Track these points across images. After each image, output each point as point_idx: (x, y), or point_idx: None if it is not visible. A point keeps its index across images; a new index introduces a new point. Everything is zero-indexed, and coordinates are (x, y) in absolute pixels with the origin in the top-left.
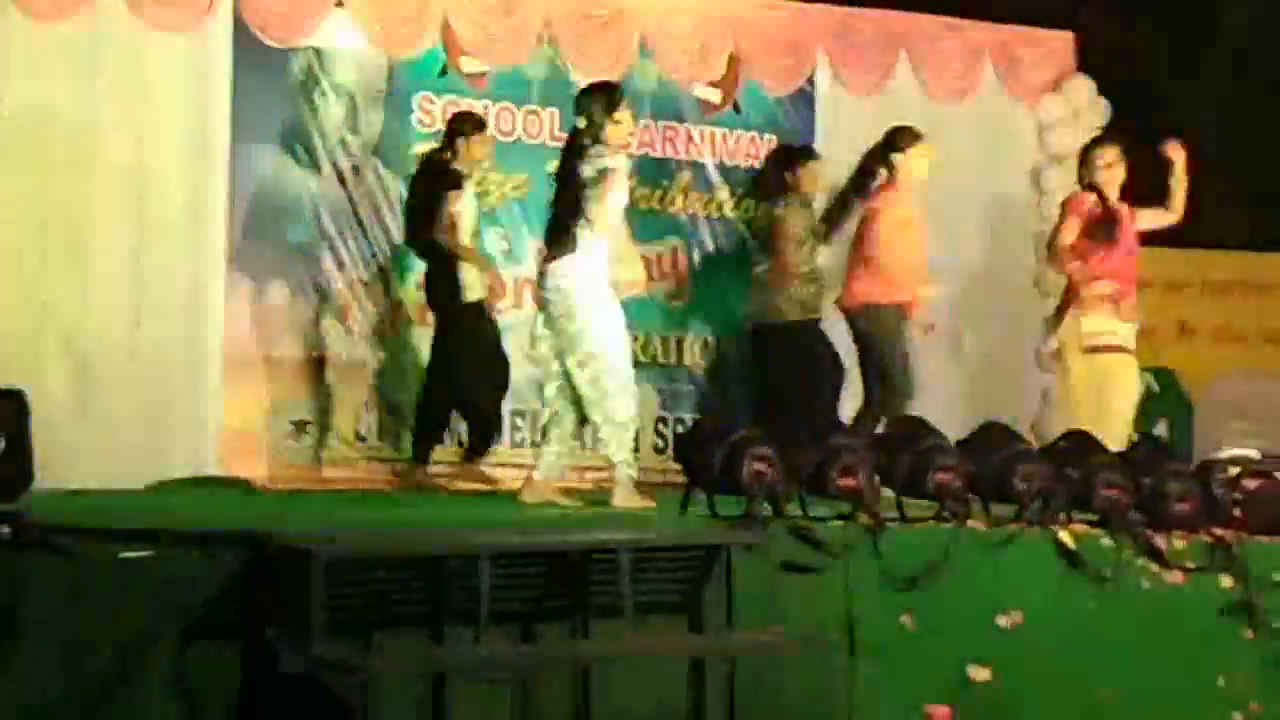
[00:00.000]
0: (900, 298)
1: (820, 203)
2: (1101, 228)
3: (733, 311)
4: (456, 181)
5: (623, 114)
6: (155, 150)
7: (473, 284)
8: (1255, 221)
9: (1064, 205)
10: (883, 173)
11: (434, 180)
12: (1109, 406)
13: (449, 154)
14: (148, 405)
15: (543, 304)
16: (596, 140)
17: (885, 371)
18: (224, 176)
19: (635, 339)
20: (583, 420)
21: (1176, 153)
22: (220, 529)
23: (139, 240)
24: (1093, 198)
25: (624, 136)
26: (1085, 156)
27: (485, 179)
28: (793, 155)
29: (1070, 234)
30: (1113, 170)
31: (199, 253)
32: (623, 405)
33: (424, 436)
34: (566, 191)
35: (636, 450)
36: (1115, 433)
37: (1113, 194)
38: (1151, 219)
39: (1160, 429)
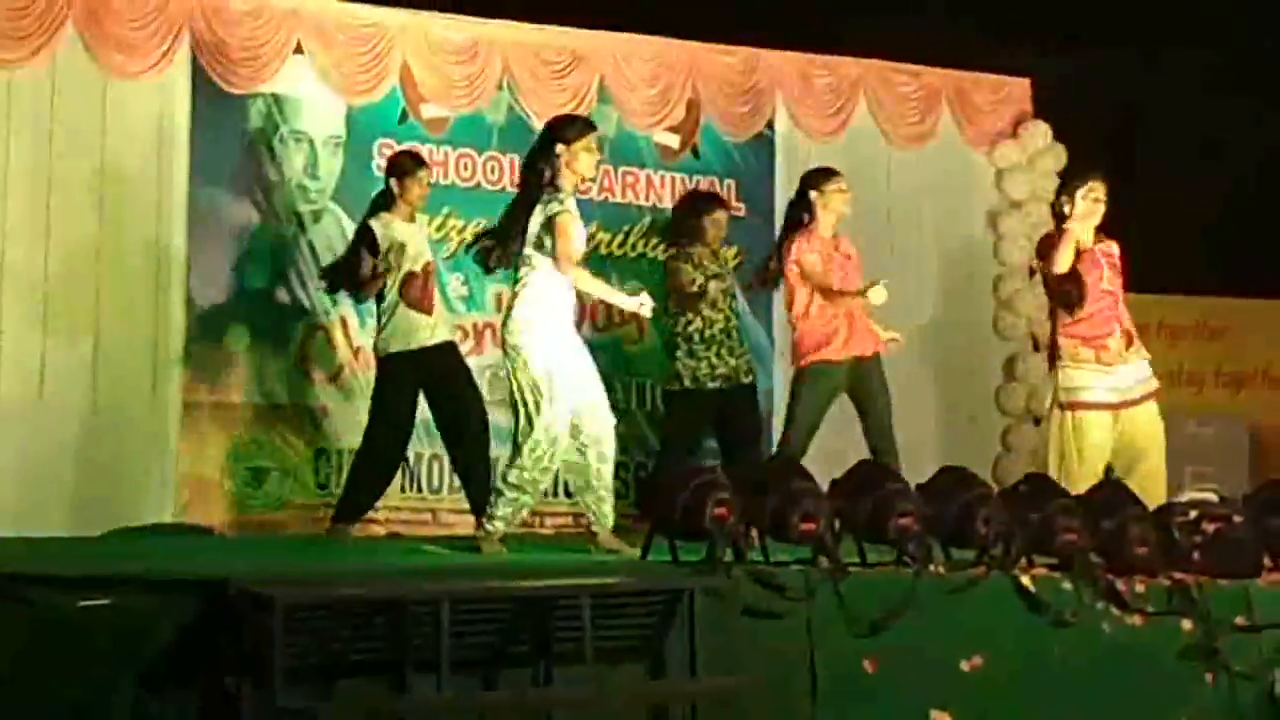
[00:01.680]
0: (812, 359)
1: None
2: (1073, 276)
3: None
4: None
5: (579, 148)
6: (114, 196)
7: (394, 334)
8: (1211, 266)
9: (1041, 248)
10: (805, 217)
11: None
12: (1083, 465)
13: (389, 197)
14: (106, 452)
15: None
16: (554, 177)
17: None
18: (183, 222)
19: None
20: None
21: None
22: (179, 576)
23: (98, 285)
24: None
25: (586, 171)
26: (1069, 187)
27: (445, 224)
28: (699, 201)
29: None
30: (1099, 205)
31: (158, 298)
32: (606, 450)
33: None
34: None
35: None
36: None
37: (1087, 232)
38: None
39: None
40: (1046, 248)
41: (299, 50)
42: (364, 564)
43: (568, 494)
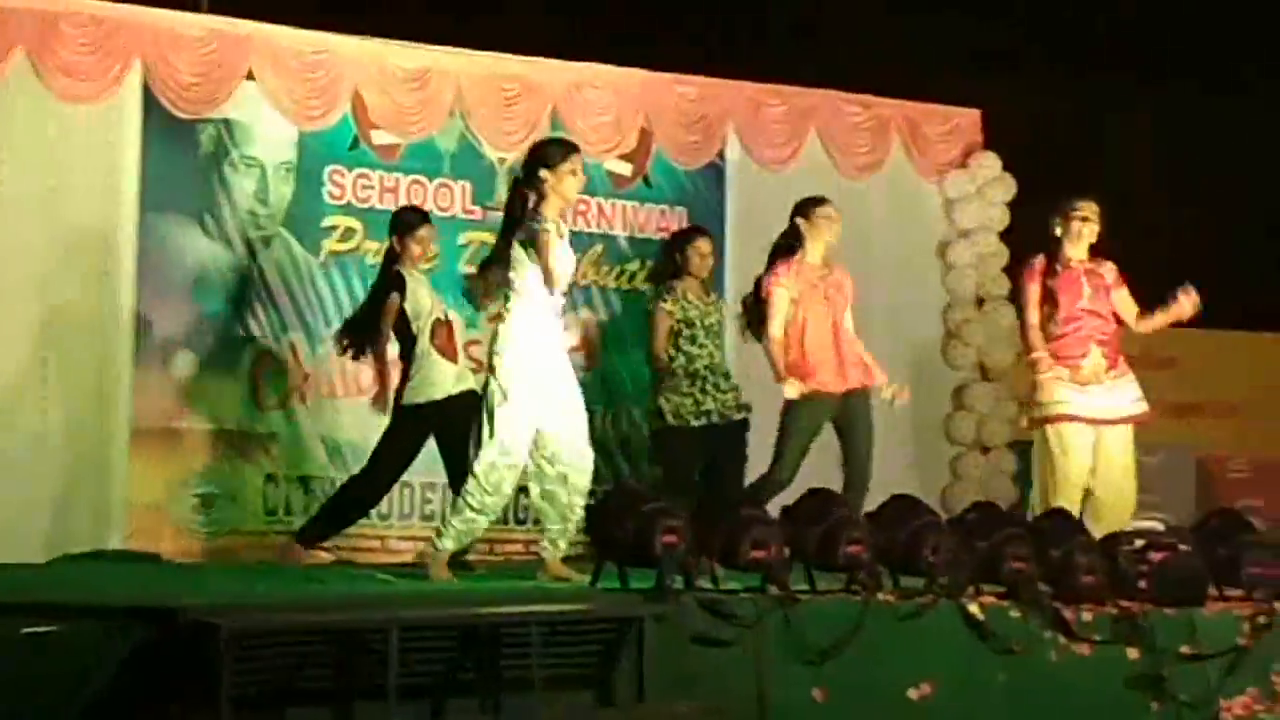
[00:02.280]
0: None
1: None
2: (1053, 292)
3: (643, 383)
4: (397, 283)
5: (563, 171)
6: (63, 221)
7: (425, 383)
8: (1157, 297)
9: (1020, 276)
10: (793, 244)
11: (378, 283)
12: (1066, 477)
13: (393, 252)
14: (52, 477)
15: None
16: (539, 204)
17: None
18: (133, 247)
19: None
20: (522, 491)
21: (1189, 300)
22: (125, 603)
23: (47, 310)
24: (1041, 262)
25: (570, 194)
26: (1059, 208)
27: None
28: (678, 236)
29: (1034, 310)
30: (1086, 224)
31: (107, 324)
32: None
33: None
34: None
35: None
36: (1070, 500)
37: (1077, 251)
38: (1118, 306)
39: None
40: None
41: (250, 76)
42: (312, 592)
43: (519, 521)
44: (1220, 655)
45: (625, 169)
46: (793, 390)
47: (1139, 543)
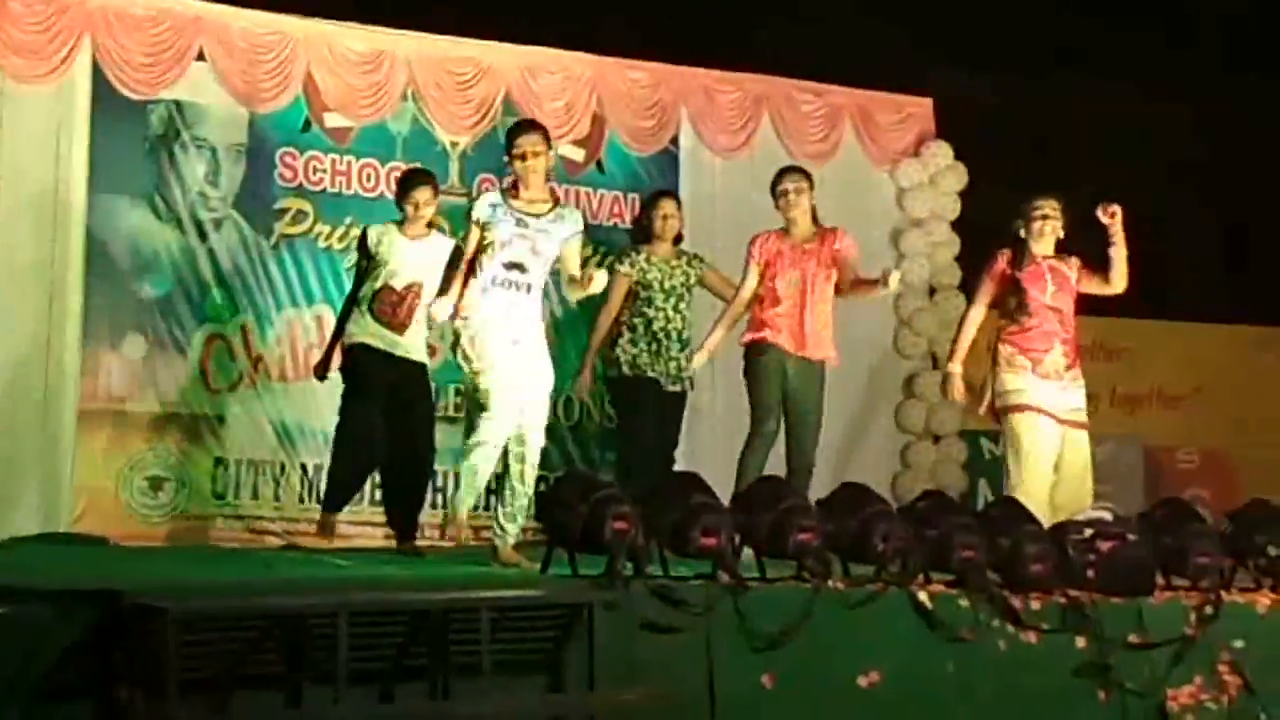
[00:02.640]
0: (753, 337)
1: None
2: (1016, 288)
3: (594, 368)
4: (360, 240)
5: (522, 147)
6: (11, 201)
7: (355, 330)
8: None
9: (982, 268)
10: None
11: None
12: (1033, 463)
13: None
14: (1, 460)
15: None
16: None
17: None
18: (81, 228)
19: None
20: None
21: (1113, 217)
22: (72, 586)
23: None
24: (1007, 255)
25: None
26: (1021, 209)
27: (348, 233)
28: (647, 200)
29: (984, 298)
30: (1048, 222)
31: (55, 305)
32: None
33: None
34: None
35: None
36: (1034, 496)
37: (1042, 248)
38: (1093, 287)
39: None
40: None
41: (201, 57)
42: (260, 576)
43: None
44: (1167, 644)
45: (578, 154)
46: (700, 358)
47: (1087, 532)
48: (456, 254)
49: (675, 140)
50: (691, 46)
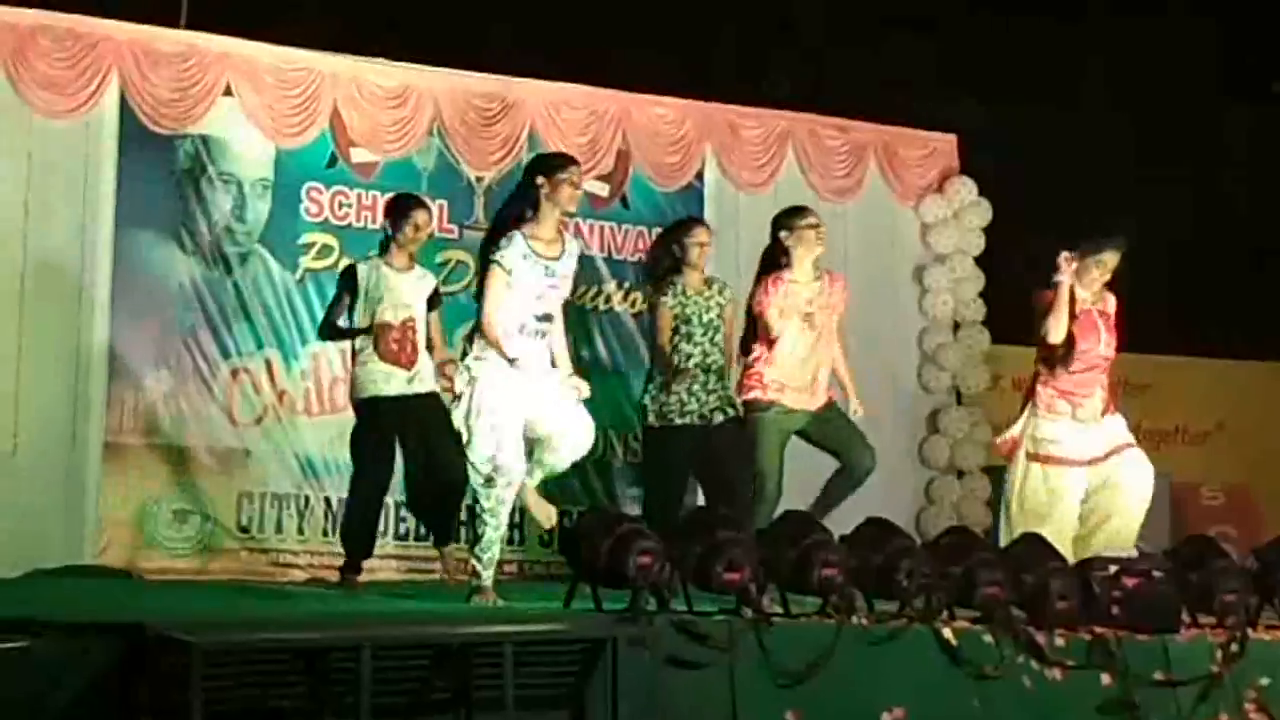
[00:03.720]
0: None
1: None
2: (1070, 331)
3: (619, 404)
4: (345, 275)
5: (559, 179)
6: (39, 235)
7: (360, 381)
8: (1133, 324)
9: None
10: (782, 259)
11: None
12: (1054, 517)
13: (385, 240)
14: (25, 491)
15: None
16: (534, 209)
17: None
18: (108, 262)
19: None
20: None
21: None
22: (96, 619)
23: (21, 323)
24: (1050, 296)
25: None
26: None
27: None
28: (675, 227)
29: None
30: (1099, 267)
31: (82, 338)
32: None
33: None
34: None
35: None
36: (1061, 544)
37: (1087, 293)
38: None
39: None
40: (1042, 305)
41: (228, 92)
42: (285, 610)
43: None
44: (1193, 682)
45: (603, 189)
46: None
47: (1112, 568)
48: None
49: (700, 175)
50: (716, 82)
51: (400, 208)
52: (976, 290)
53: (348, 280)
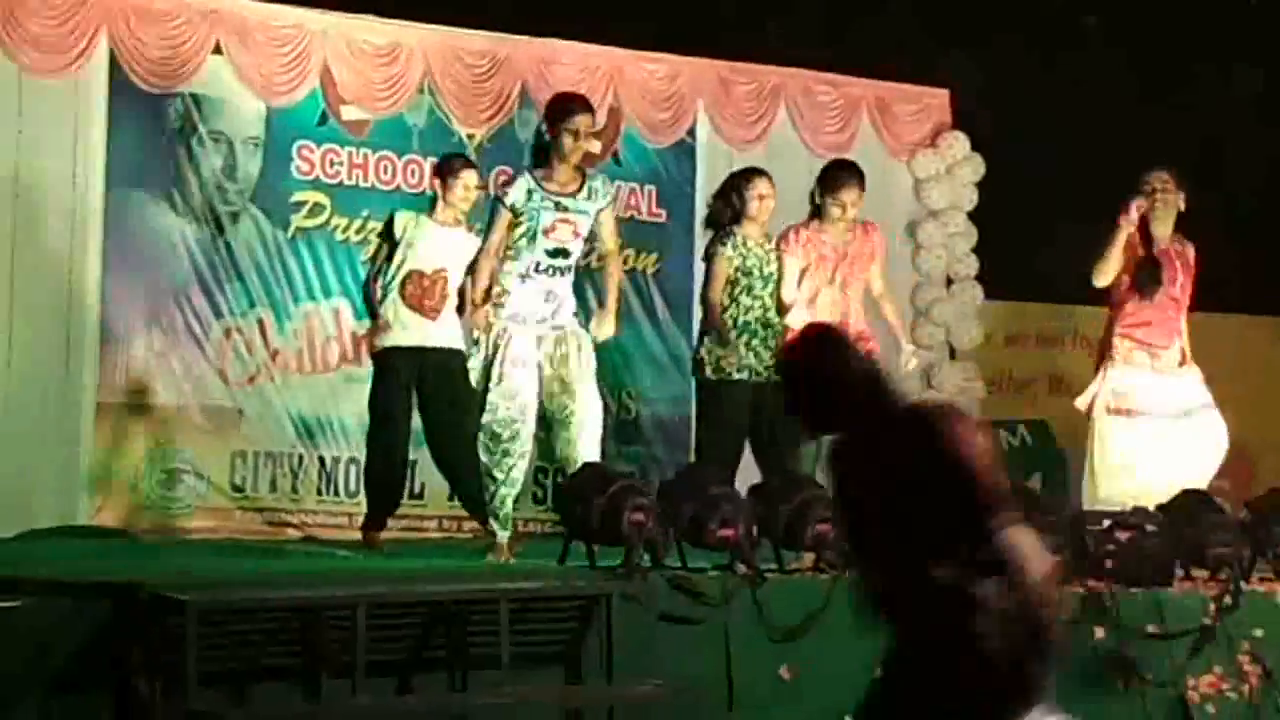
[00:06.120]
0: None
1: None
2: (1141, 273)
3: (613, 361)
4: (385, 224)
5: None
6: (30, 195)
7: (383, 331)
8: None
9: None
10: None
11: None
12: (1138, 470)
13: (434, 197)
14: (18, 452)
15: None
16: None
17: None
18: (99, 222)
19: None
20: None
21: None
22: (90, 578)
23: (11, 284)
24: (1135, 238)
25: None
26: (1138, 187)
27: (364, 226)
28: (736, 177)
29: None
30: (1166, 198)
31: (73, 298)
32: (519, 466)
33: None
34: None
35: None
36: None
37: (1162, 231)
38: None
39: (1035, 481)
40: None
41: (218, 50)
42: (279, 568)
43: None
44: (1186, 634)
45: (595, 147)
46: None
47: (1106, 522)
48: (486, 240)
49: (692, 132)
50: (707, 37)
51: (452, 168)
52: (969, 245)
53: (385, 230)
